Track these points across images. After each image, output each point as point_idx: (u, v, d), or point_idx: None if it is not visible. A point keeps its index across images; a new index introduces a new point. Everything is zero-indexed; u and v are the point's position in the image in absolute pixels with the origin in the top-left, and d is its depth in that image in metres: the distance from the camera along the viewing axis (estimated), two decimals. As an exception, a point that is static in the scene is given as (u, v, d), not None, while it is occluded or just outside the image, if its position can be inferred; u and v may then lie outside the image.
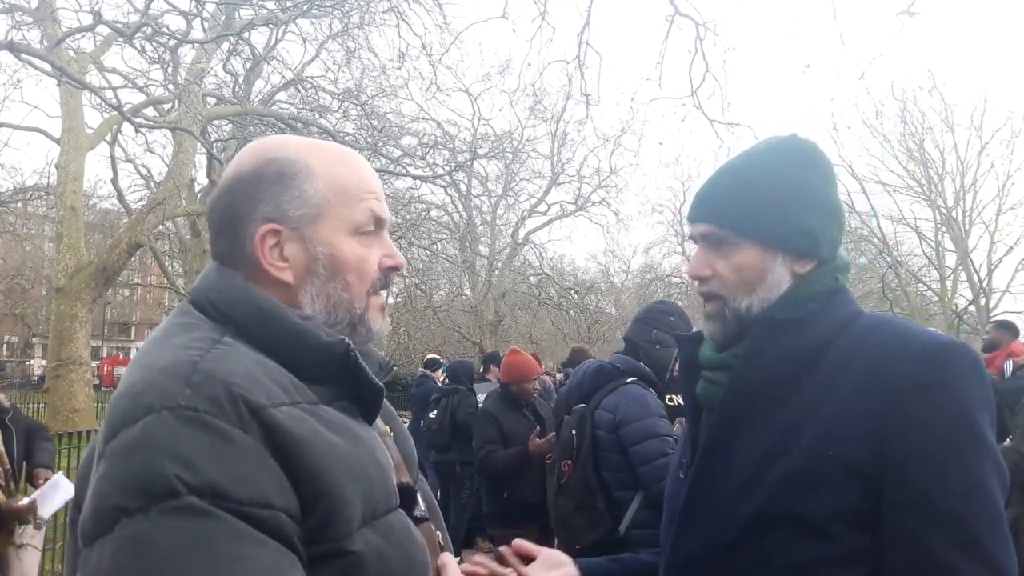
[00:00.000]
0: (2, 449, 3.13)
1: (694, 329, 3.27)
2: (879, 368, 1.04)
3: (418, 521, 0.97)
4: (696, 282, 1.22)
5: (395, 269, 1.01)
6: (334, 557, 0.81)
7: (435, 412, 6.48)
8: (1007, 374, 4.97)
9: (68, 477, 5.63)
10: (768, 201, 1.15)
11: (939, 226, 22.26)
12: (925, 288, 23.20)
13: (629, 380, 2.87)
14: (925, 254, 22.50)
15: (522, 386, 4.50)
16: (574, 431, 2.91)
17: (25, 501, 2.99)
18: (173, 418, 0.76)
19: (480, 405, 6.61)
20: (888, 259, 20.05)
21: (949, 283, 22.50)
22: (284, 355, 0.89)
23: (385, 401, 1.11)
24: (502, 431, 4.41)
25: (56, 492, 3.10)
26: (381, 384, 0.97)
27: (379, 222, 1.00)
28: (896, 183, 22.08)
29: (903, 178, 22.14)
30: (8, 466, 3.13)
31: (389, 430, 1.09)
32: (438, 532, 1.05)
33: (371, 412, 0.97)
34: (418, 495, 1.01)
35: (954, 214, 21.79)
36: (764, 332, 1.13)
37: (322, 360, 0.91)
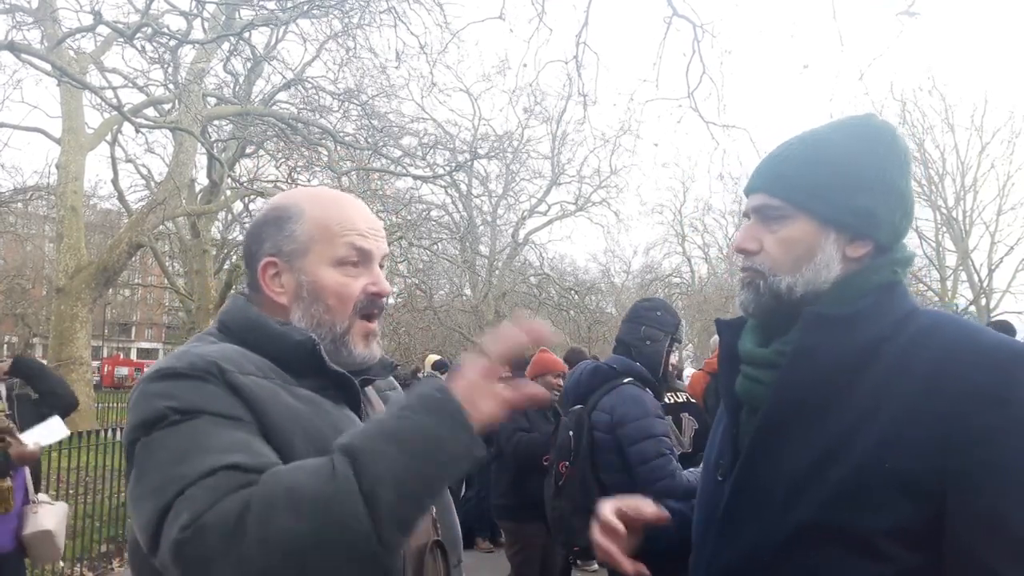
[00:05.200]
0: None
1: (682, 323, 3.25)
2: (942, 373, 0.96)
3: None
4: (740, 257, 1.15)
5: (378, 296, 1.17)
6: None
7: None
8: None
9: (68, 477, 5.66)
10: (828, 174, 1.07)
11: (939, 226, 22.27)
12: (926, 288, 23.18)
13: (626, 380, 2.87)
14: (926, 254, 22.49)
15: (547, 379, 4.50)
16: (571, 432, 2.91)
17: (29, 446, 3.08)
18: (160, 376, 1.00)
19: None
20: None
21: (950, 283, 22.50)
22: (272, 355, 1.08)
23: None
24: (528, 419, 4.40)
25: (50, 431, 3.19)
26: (346, 373, 1.11)
27: (363, 254, 1.15)
28: (896, 183, 22.08)
29: (903, 178, 22.13)
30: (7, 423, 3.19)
31: None
32: (432, 507, 1.16)
33: (351, 398, 1.13)
34: None
35: (954, 214, 21.80)
36: (814, 328, 1.04)
37: (299, 356, 1.08)
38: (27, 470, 3.29)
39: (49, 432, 3.22)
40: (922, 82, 39.53)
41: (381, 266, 1.19)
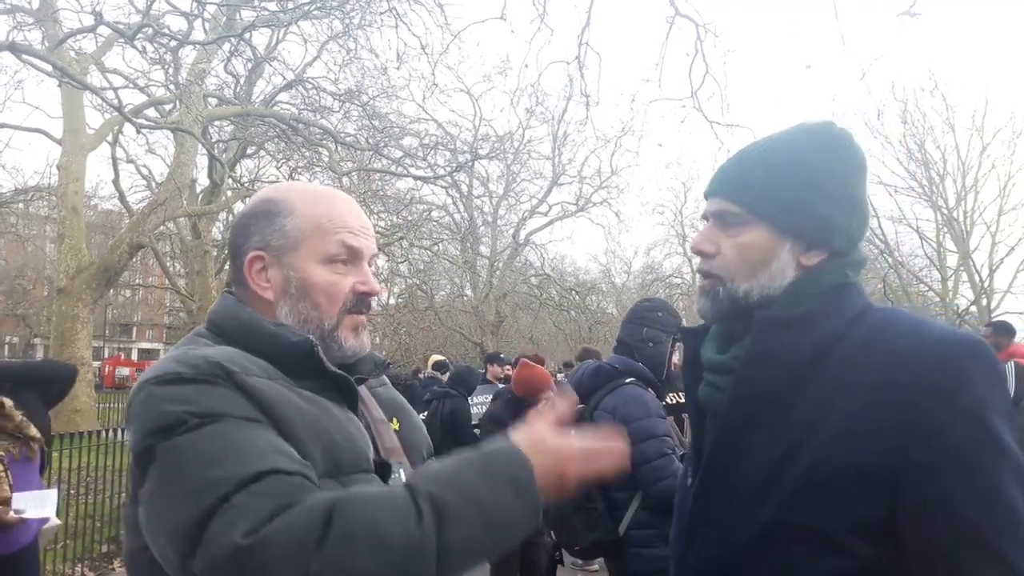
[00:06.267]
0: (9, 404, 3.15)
1: (683, 323, 3.23)
2: (895, 366, 0.98)
3: None
4: (699, 258, 1.17)
5: (367, 295, 1.16)
6: None
7: (425, 413, 6.39)
8: (1008, 376, 4.95)
9: (70, 477, 5.65)
10: (787, 184, 1.09)
11: (940, 227, 22.24)
12: (927, 289, 23.17)
13: (628, 380, 2.87)
14: (926, 255, 22.48)
15: (535, 401, 4.52)
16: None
17: (13, 516, 3.02)
18: (164, 381, 0.96)
19: (474, 407, 6.56)
20: (889, 260, 20.03)
21: (950, 284, 22.47)
22: (267, 356, 1.06)
23: (399, 398, 1.31)
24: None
25: (41, 505, 3.12)
26: (344, 374, 1.10)
27: (354, 252, 1.14)
28: (897, 184, 22.03)
29: (904, 179, 22.07)
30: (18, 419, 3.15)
31: (396, 422, 1.24)
32: None
33: (350, 399, 1.11)
34: (400, 471, 1.13)
35: (955, 215, 21.77)
36: (766, 331, 1.07)
37: (297, 357, 1.06)
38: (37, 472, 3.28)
39: (40, 505, 3.14)
40: (923, 82, 39.54)
41: (370, 265, 1.18)
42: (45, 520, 3.23)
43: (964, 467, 0.94)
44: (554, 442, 0.94)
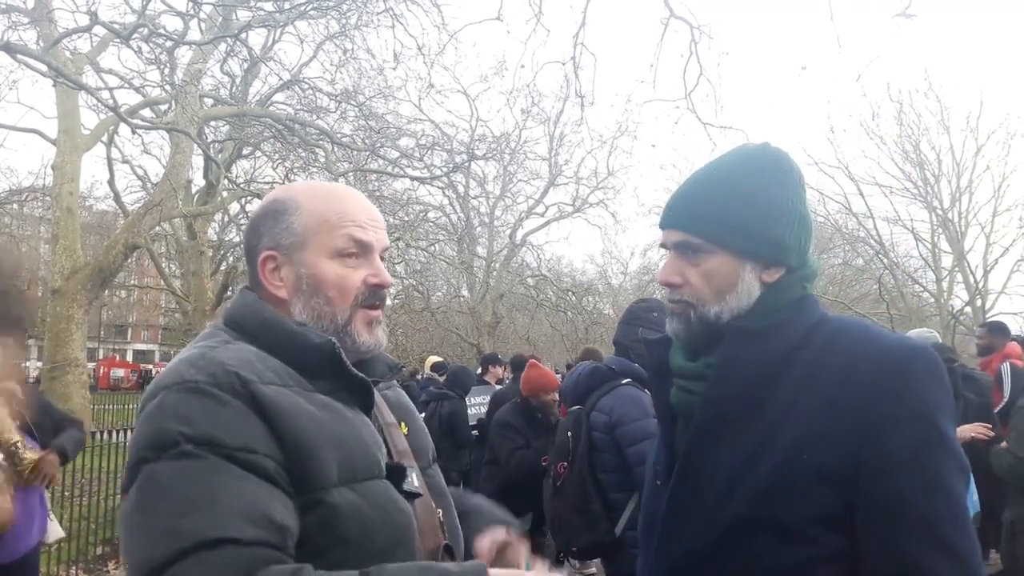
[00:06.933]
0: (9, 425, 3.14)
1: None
2: (850, 370, 1.07)
3: (410, 496, 1.10)
4: (667, 289, 1.24)
5: (379, 287, 1.17)
6: (315, 506, 0.97)
7: (422, 415, 6.28)
8: (1004, 377, 4.94)
9: (64, 479, 5.60)
10: (740, 211, 1.17)
11: (935, 227, 22.26)
12: (921, 289, 23.19)
13: (624, 381, 2.87)
14: (921, 255, 22.50)
15: (542, 398, 4.51)
16: (570, 433, 2.91)
17: None
18: (179, 390, 0.97)
19: (472, 407, 6.55)
20: (884, 260, 20.03)
21: (945, 284, 22.50)
22: (284, 354, 1.07)
23: (405, 400, 1.32)
24: (523, 436, 4.45)
25: None
26: (365, 377, 1.11)
27: (363, 246, 1.15)
28: (892, 184, 22.02)
29: (899, 179, 22.09)
30: (12, 445, 3.14)
31: (404, 425, 1.25)
32: (439, 510, 1.18)
33: (365, 402, 1.12)
34: (412, 475, 1.14)
35: (950, 215, 21.80)
36: (737, 341, 1.16)
37: (316, 359, 1.07)
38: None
39: None
40: (918, 84, 39.61)
41: (382, 258, 1.19)
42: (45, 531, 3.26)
43: (914, 463, 1.03)
44: None
